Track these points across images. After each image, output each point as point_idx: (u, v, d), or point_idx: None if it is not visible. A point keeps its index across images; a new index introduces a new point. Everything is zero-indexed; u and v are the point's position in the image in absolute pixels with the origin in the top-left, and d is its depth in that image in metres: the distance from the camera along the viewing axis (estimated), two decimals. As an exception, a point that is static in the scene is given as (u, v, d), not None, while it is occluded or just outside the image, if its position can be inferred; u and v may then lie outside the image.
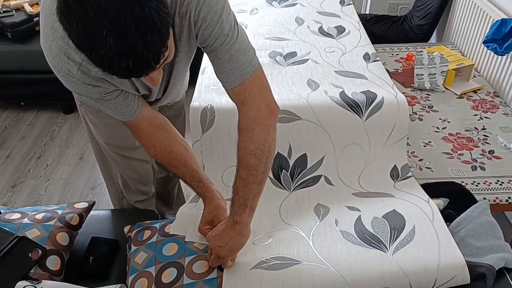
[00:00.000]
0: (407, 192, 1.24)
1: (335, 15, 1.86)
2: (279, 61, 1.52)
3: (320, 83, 1.39)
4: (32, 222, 1.14)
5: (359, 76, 1.43)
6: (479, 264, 1.00)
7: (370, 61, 1.53)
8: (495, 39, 1.83)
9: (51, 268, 1.08)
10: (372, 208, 1.17)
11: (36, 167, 2.33)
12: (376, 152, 1.31)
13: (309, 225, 1.14)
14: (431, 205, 1.15)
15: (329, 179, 1.29)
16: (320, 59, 1.53)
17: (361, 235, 1.07)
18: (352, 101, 1.29)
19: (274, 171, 1.27)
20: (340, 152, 1.29)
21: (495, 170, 1.51)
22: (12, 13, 2.51)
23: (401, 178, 1.30)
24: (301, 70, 1.46)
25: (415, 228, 1.07)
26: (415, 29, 2.61)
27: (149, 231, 1.16)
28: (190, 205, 1.25)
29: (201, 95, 1.36)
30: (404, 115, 1.30)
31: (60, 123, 2.66)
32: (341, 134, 1.29)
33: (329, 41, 1.66)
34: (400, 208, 1.14)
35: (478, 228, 1.11)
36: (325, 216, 1.16)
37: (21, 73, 2.59)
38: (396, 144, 1.31)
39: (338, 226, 1.12)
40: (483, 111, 1.80)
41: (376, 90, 1.34)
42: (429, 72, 1.92)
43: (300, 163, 1.29)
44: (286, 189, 1.27)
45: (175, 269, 1.03)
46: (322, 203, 1.22)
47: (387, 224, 1.09)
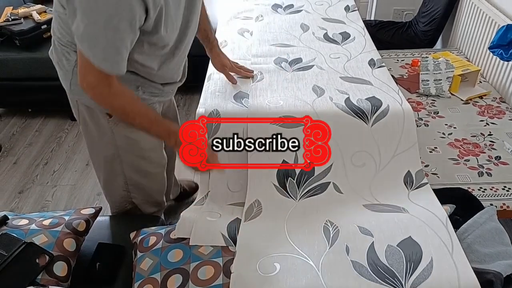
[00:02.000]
0: (422, 207, 1.15)
1: (340, 21, 1.87)
2: (285, 67, 1.53)
3: (325, 89, 1.39)
4: (40, 228, 1.15)
5: (365, 82, 1.43)
6: (487, 270, 1.00)
7: (376, 67, 1.53)
8: (501, 45, 1.83)
9: (58, 274, 1.08)
10: (386, 231, 1.07)
11: (43, 173, 2.35)
12: (387, 159, 1.27)
13: (318, 251, 1.06)
14: (449, 230, 1.06)
15: (338, 187, 1.24)
16: (326, 65, 1.53)
17: (375, 268, 0.99)
18: (358, 108, 1.29)
19: (279, 178, 1.24)
20: (348, 160, 1.26)
21: (502, 176, 1.50)
22: (20, 21, 2.54)
23: (415, 185, 1.24)
24: (306, 76, 1.46)
25: (433, 261, 0.99)
26: (420, 35, 2.61)
27: (155, 237, 1.16)
28: (194, 208, 1.25)
29: (207, 101, 1.36)
30: (411, 123, 1.28)
31: (67, 129, 2.68)
32: (348, 141, 1.27)
33: (334, 47, 1.66)
34: (416, 234, 1.05)
35: (485, 235, 1.10)
36: (335, 241, 1.08)
37: (28, 80, 2.62)
38: (407, 151, 1.28)
39: (349, 255, 1.03)
40: (489, 117, 1.79)
41: (381, 97, 1.34)
42: (435, 78, 1.92)
43: (307, 171, 1.25)
44: (292, 197, 1.23)
45: (180, 276, 1.03)
46: (332, 219, 1.15)
47: (403, 255, 1.01)
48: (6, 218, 1.19)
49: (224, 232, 1.12)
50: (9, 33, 2.51)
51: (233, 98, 1.37)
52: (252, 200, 1.22)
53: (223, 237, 1.11)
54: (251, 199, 1.22)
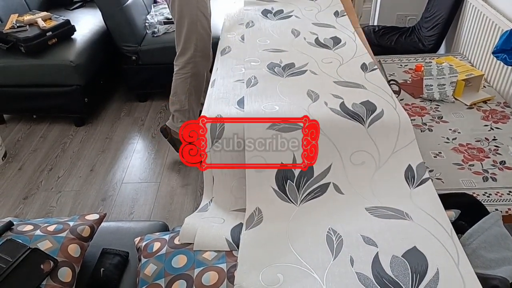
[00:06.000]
0: (426, 212, 1.13)
1: (330, 26, 1.87)
2: (278, 72, 1.53)
3: (319, 93, 1.39)
4: (44, 234, 1.15)
5: (358, 86, 1.43)
6: (492, 276, 0.99)
7: (368, 70, 1.53)
8: (505, 50, 1.83)
9: (62, 280, 1.08)
10: (390, 241, 1.06)
11: (47, 179, 2.36)
12: (387, 156, 1.26)
13: (322, 263, 1.03)
14: (455, 241, 1.04)
15: (338, 187, 1.23)
16: (319, 70, 1.53)
17: (380, 280, 0.97)
18: (353, 112, 1.29)
19: (278, 182, 1.23)
20: (347, 159, 1.25)
21: (506, 181, 1.49)
22: (25, 28, 2.56)
23: (417, 182, 1.21)
24: (300, 81, 1.46)
25: (439, 272, 0.97)
26: (424, 40, 2.61)
27: (159, 242, 1.16)
28: (198, 214, 1.25)
29: (211, 107, 1.37)
30: (406, 123, 1.27)
31: (72, 135, 2.70)
32: (345, 141, 1.26)
33: (326, 52, 1.66)
34: (421, 245, 1.03)
35: (491, 240, 1.09)
36: (339, 251, 1.05)
37: (33, 86, 2.64)
38: (406, 147, 1.26)
39: (354, 266, 1.01)
40: (494, 122, 1.79)
41: (375, 101, 1.34)
42: (439, 83, 1.92)
43: (306, 173, 1.24)
44: (293, 202, 1.22)
45: (184, 282, 1.03)
46: (334, 227, 1.13)
47: (408, 266, 0.99)
48: (11, 224, 1.19)
49: (228, 237, 1.12)
50: (14, 40, 2.53)
51: (236, 104, 1.37)
52: (253, 208, 1.21)
53: (227, 242, 1.11)
54: (251, 207, 1.21)
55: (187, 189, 2.22)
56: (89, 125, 2.78)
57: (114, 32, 2.76)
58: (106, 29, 2.83)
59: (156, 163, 2.42)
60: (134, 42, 2.77)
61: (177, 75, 2.20)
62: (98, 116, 2.87)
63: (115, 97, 3.09)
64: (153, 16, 2.95)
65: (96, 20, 2.95)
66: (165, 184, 2.26)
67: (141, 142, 2.63)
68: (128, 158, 2.49)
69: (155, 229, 1.33)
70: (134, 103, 3.01)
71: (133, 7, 2.78)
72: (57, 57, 2.58)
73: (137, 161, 2.46)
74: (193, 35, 2.09)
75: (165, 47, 2.70)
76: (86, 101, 2.66)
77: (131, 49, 2.78)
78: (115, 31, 2.75)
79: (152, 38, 2.82)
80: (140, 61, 2.82)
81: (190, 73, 2.16)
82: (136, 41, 2.78)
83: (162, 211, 2.11)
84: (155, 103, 2.99)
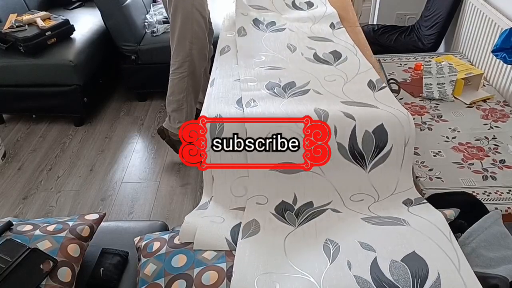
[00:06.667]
0: (424, 218, 1.12)
1: (328, 39, 1.75)
2: (279, 93, 1.41)
3: (328, 111, 1.29)
4: (44, 234, 1.15)
5: (369, 106, 1.33)
6: (492, 275, 0.99)
7: (376, 89, 1.42)
8: (504, 48, 1.83)
9: (62, 280, 1.08)
10: (388, 246, 1.03)
11: (47, 179, 2.36)
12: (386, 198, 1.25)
13: (319, 268, 1.01)
14: (454, 246, 1.03)
15: (336, 209, 1.22)
16: (322, 89, 1.41)
17: (380, 284, 0.95)
18: (359, 152, 1.25)
19: (278, 211, 1.22)
20: (347, 199, 1.25)
21: (506, 179, 1.49)
22: (25, 27, 2.56)
23: (415, 204, 1.21)
24: (304, 101, 1.35)
25: (440, 277, 0.95)
26: (423, 39, 2.61)
27: (159, 242, 1.16)
28: (198, 212, 1.25)
29: (210, 106, 1.37)
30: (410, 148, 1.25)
31: (71, 135, 2.70)
32: (347, 185, 1.25)
33: (327, 68, 1.54)
34: (420, 249, 1.02)
35: (490, 239, 1.09)
36: (336, 256, 1.03)
37: (32, 86, 2.64)
38: (403, 193, 1.25)
39: (351, 270, 0.98)
40: (493, 120, 1.79)
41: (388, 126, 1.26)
42: (438, 82, 1.92)
43: (305, 207, 1.23)
44: (291, 224, 1.20)
45: (184, 281, 1.03)
46: (331, 237, 1.11)
47: (408, 271, 0.97)
48: (10, 224, 1.19)
49: (228, 236, 1.12)
50: (13, 39, 2.53)
51: (236, 103, 1.37)
52: (250, 219, 1.20)
53: (227, 242, 1.11)
54: (248, 217, 1.21)
55: (187, 189, 2.22)
56: (88, 125, 2.78)
57: (113, 31, 2.75)
58: (105, 28, 2.83)
59: (155, 162, 2.42)
60: (134, 42, 2.77)
61: (174, 74, 2.18)
62: (97, 115, 2.87)
63: (114, 96, 3.09)
64: (152, 16, 2.95)
65: (95, 20, 2.95)
66: (165, 184, 2.26)
67: (140, 141, 2.63)
68: (128, 157, 2.49)
69: (154, 229, 1.33)
70: (133, 103, 3.00)
71: (132, 7, 2.77)
72: (56, 56, 2.58)
73: (137, 161, 2.46)
74: (188, 32, 2.07)
75: (164, 47, 2.69)
76: (86, 101, 2.66)
77: (130, 49, 2.78)
78: (114, 31, 2.75)
79: (152, 38, 2.82)
80: (140, 61, 2.82)
81: (187, 72, 2.14)
82: (136, 40, 2.78)
83: (162, 211, 2.11)
84: (154, 102, 2.99)
